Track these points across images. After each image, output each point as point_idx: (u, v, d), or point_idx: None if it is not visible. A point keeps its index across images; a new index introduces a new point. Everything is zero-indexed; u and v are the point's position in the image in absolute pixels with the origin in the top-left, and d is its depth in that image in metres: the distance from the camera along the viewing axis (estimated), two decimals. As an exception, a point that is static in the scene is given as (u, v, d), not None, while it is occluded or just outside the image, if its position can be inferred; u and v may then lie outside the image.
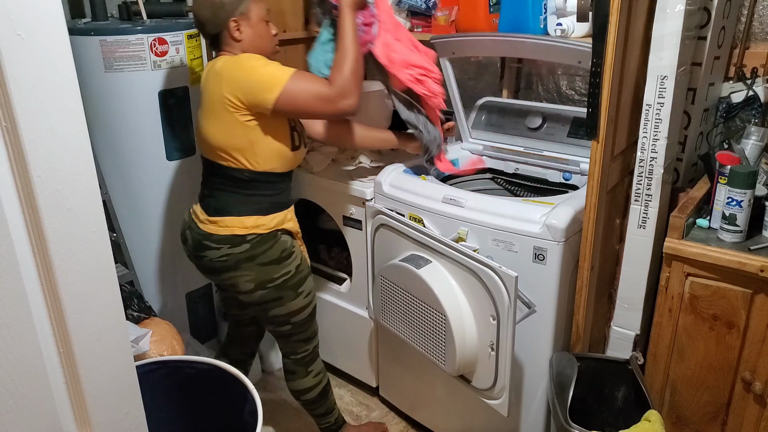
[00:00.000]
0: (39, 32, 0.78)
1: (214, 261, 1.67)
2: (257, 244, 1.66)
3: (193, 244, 1.71)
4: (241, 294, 1.71)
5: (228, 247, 1.65)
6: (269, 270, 1.68)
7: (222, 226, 1.65)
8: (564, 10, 1.74)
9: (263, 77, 1.52)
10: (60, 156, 0.83)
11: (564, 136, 1.98)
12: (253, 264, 1.66)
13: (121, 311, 0.98)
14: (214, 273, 1.72)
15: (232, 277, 1.68)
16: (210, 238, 1.66)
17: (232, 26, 1.58)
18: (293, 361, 1.85)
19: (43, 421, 0.90)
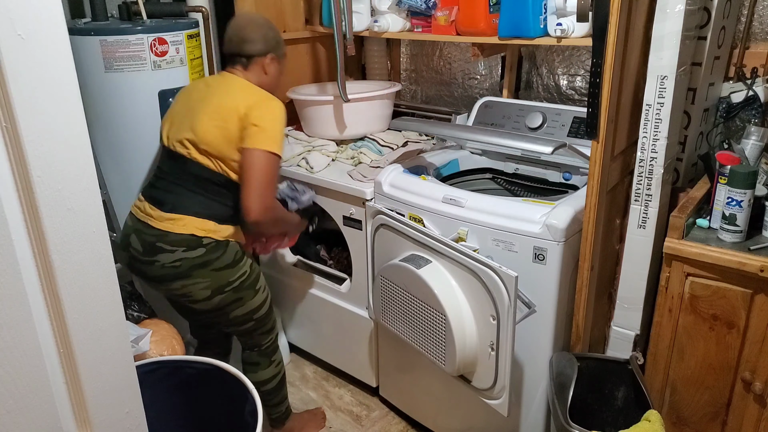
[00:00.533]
0: (39, 32, 0.78)
1: (166, 266, 1.64)
2: (212, 249, 1.66)
3: (143, 248, 1.66)
4: (197, 302, 1.70)
5: (183, 250, 1.63)
6: (225, 274, 1.70)
7: (180, 225, 1.64)
8: (564, 10, 1.75)
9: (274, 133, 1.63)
10: (60, 156, 0.83)
11: (564, 136, 1.98)
12: (208, 270, 1.66)
13: (121, 311, 0.98)
14: (163, 281, 1.68)
15: (184, 285, 1.66)
16: (165, 239, 1.63)
17: (268, 60, 1.75)
18: (257, 353, 1.90)
19: (43, 421, 0.89)
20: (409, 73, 2.73)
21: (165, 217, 1.65)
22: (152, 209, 1.67)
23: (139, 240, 1.67)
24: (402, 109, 2.46)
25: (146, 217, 1.68)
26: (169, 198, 1.67)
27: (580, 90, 2.23)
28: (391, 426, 2.20)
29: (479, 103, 2.24)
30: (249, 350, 1.89)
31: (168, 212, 1.65)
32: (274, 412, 2.01)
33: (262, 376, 1.91)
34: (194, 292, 1.67)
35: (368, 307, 2.11)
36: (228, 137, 1.63)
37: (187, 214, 1.65)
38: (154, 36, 1.94)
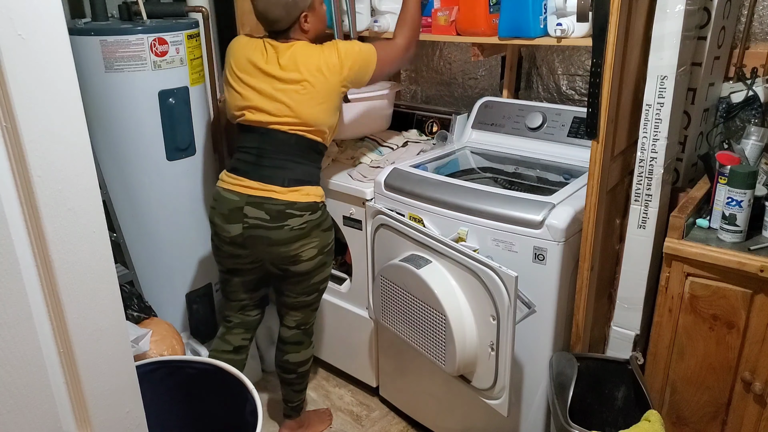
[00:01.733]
0: (39, 32, 0.78)
1: (294, 229, 1.75)
2: (324, 210, 1.83)
3: (270, 215, 1.74)
4: (300, 263, 1.79)
5: (309, 213, 1.77)
6: (328, 235, 1.85)
7: (304, 194, 1.76)
8: (564, 10, 1.74)
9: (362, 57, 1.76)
10: (60, 156, 0.83)
11: (564, 136, 1.98)
12: (320, 230, 1.81)
13: (121, 311, 0.98)
14: (286, 243, 1.76)
15: (303, 245, 1.77)
16: (294, 206, 1.74)
17: (302, 20, 1.75)
18: (303, 332, 1.97)
19: (43, 421, 0.89)
20: (409, 73, 2.73)
21: (287, 191, 1.74)
22: (271, 186, 1.75)
23: (263, 210, 1.74)
24: (402, 109, 2.46)
25: (267, 193, 1.75)
26: (284, 174, 1.76)
27: (580, 90, 2.23)
28: (391, 426, 2.20)
29: (479, 103, 2.24)
30: (296, 329, 1.96)
31: (288, 186, 1.75)
32: (296, 399, 2.07)
33: (305, 355, 2.00)
34: (306, 250, 1.78)
35: (368, 307, 2.11)
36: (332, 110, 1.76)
37: (305, 184, 1.78)
38: (154, 36, 1.94)
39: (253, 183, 1.75)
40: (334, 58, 1.71)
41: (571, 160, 1.92)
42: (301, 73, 1.70)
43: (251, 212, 1.75)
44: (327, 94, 1.73)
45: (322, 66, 1.71)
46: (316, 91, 1.71)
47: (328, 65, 1.71)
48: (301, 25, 1.75)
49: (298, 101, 1.71)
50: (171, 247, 2.21)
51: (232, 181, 1.79)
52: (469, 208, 1.70)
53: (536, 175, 1.96)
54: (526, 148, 2.05)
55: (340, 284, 2.26)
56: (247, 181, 1.76)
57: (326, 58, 1.71)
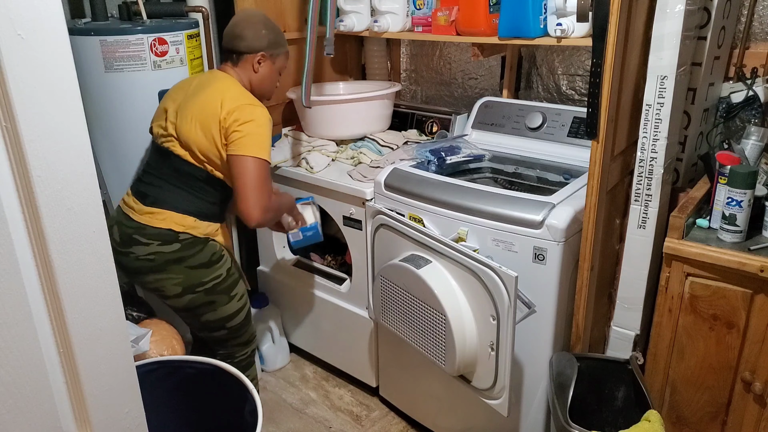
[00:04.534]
0: (39, 32, 0.78)
1: (140, 258, 1.64)
2: (188, 245, 1.66)
3: (120, 239, 1.67)
4: (168, 298, 1.70)
5: (158, 244, 1.64)
6: (199, 273, 1.69)
7: (159, 219, 1.65)
8: (564, 10, 1.74)
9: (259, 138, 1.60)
10: (60, 156, 0.83)
11: (564, 136, 1.98)
12: (182, 266, 1.66)
13: (121, 311, 0.98)
14: (138, 274, 1.68)
15: (157, 279, 1.67)
16: (141, 232, 1.64)
17: (258, 58, 1.72)
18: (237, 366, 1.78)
19: (43, 420, 0.89)
20: (409, 73, 2.73)
21: (145, 211, 1.66)
22: (135, 202, 1.69)
23: (118, 231, 1.68)
24: (402, 109, 2.46)
25: (128, 210, 1.69)
26: (151, 191, 1.68)
27: (580, 90, 2.23)
28: (391, 426, 2.20)
29: (479, 103, 2.24)
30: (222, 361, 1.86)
31: (149, 206, 1.66)
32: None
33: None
34: (166, 287, 1.67)
35: (368, 307, 2.11)
36: (210, 139, 1.63)
37: (167, 208, 1.66)
38: (154, 36, 1.94)
39: (129, 198, 1.73)
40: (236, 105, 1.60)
41: (571, 160, 1.92)
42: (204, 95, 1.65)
43: (114, 233, 1.69)
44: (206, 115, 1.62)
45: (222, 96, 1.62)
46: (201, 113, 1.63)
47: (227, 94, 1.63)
48: (254, 62, 1.72)
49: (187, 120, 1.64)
50: (171, 247, 2.21)
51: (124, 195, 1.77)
52: (469, 208, 1.70)
53: (536, 175, 1.96)
54: (526, 148, 2.05)
55: (340, 284, 2.26)
56: (129, 195, 1.75)
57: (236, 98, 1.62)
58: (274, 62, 1.77)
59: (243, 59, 1.73)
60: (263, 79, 1.77)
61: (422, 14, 2.12)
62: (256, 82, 1.76)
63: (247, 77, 1.75)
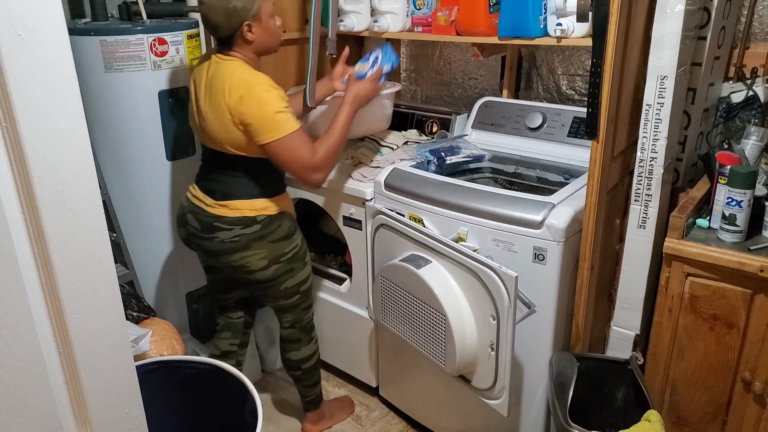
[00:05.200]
0: (39, 32, 0.78)
1: (225, 242, 1.73)
2: (267, 224, 1.75)
3: (201, 227, 1.76)
4: (253, 273, 1.77)
5: (240, 228, 1.72)
6: (281, 246, 1.78)
7: (233, 209, 1.72)
8: (564, 10, 1.74)
9: (270, 119, 1.60)
10: (60, 156, 0.83)
11: (564, 136, 1.98)
12: (264, 242, 1.75)
13: (121, 311, 0.98)
14: (223, 254, 1.75)
15: (243, 257, 1.74)
16: (221, 220, 1.73)
17: (245, 29, 1.65)
18: (299, 330, 1.96)
19: (43, 421, 0.89)
20: (409, 73, 2.73)
21: (217, 204, 1.73)
22: (205, 197, 1.76)
23: (196, 219, 1.76)
24: (402, 109, 2.46)
25: (200, 203, 1.76)
26: (217, 188, 1.74)
27: (580, 90, 2.23)
28: (391, 426, 2.20)
29: (479, 103, 2.24)
30: (291, 328, 1.95)
31: (219, 200, 1.73)
32: (311, 393, 2.08)
33: (305, 352, 1.99)
34: (252, 262, 1.75)
35: (368, 307, 2.11)
36: (235, 136, 1.65)
37: (237, 199, 1.73)
38: (154, 36, 1.95)
39: (198, 192, 1.79)
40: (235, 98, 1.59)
41: (571, 160, 1.92)
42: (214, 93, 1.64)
43: (191, 220, 1.79)
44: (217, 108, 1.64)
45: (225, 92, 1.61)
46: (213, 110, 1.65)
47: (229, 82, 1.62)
48: (244, 34, 1.65)
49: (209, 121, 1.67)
50: (171, 247, 2.21)
51: (189, 188, 1.84)
52: (469, 208, 1.70)
53: (536, 175, 1.96)
54: (526, 148, 2.05)
55: (340, 284, 2.26)
56: (196, 190, 1.80)
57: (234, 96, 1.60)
58: (260, 19, 1.66)
59: (234, 39, 1.67)
60: (262, 40, 1.69)
61: (422, 14, 2.11)
62: (257, 46, 1.69)
63: (248, 50, 1.70)
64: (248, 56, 1.70)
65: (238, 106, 1.59)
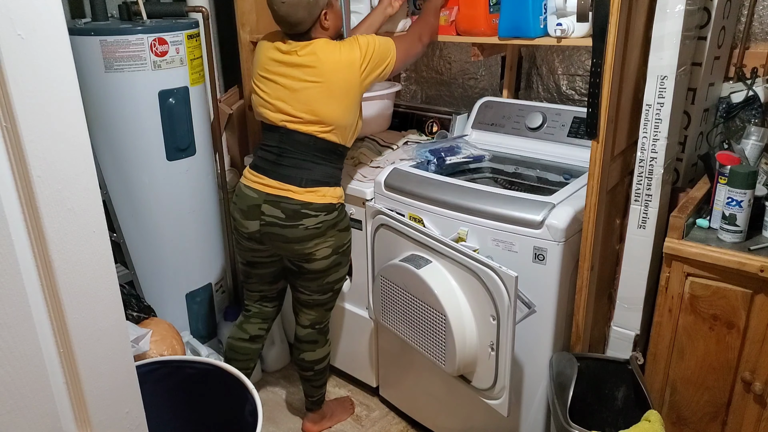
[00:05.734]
0: (39, 32, 0.78)
1: (309, 228, 1.77)
2: (340, 211, 1.84)
3: (286, 214, 1.77)
4: (314, 261, 1.82)
5: (324, 214, 1.79)
6: (344, 236, 1.87)
7: (320, 195, 1.78)
8: (564, 10, 1.74)
9: (383, 49, 1.77)
10: (60, 156, 0.83)
11: (564, 136, 1.98)
12: (335, 230, 1.82)
13: (121, 311, 0.98)
14: (302, 241, 1.79)
15: (317, 244, 1.80)
16: (309, 207, 1.77)
17: (323, 18, 1.74)
18: (317, 331, 1.99)
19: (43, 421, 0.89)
20: (409, 73, 2.73)
21: (305, 191, 1.77)
22: (288, 186, 1.78)
23: (278, 209, 1.78)
24: (402, 109, 2.46)
25: (284, 192, 1.78)
26: (302, 174, 1.77)
27: (580, 90, 2.23)
28: (391, 426, 2.20)
29: (479, 103, 2.24)
30: (310, 328, 1.98)
31: (305, 186, 1.77)
32: (316, 394, 2.10)
33: (320, 354, 2.01)
34: (321, 249, 1.80)
35: (368, 307, 2.11)
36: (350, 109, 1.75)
37: (323, 185, 1.79)
38: (154, 36, 1.94)
39: (272, 182, 1.79)
40: (356, 53, 1.72)
41: (571, 160, 1.92)
42: (320, 68, 1.70)
43: (268, 210, 1.78)
44: (346, 90, 1.73)
45: (343, 61, 1.71)
46: (335, 87, 1.71)
47: (349, 60, 1.71)
48: (322, 23, 1.73)
49: (315, 98, 1.71)
50: (171, 247, 2.21)
51: (252, 178, 1.83)
52: (469, 208, 1.70)
53: (536, 175, 1.96)
54: (526, 148, 2.05)
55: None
56: (267, 179, 1.80)
57: (347, 54, 1.71)
58: (332, 5, 1.76)
59: (313, 30, 1.74)
60: (335, 24, 1.79)
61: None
62: (333, 30, 1.79)
63: (325, 33, 1.77)
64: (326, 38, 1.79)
65: (364, 49, 1.72)
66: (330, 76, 1.71)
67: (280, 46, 1.76)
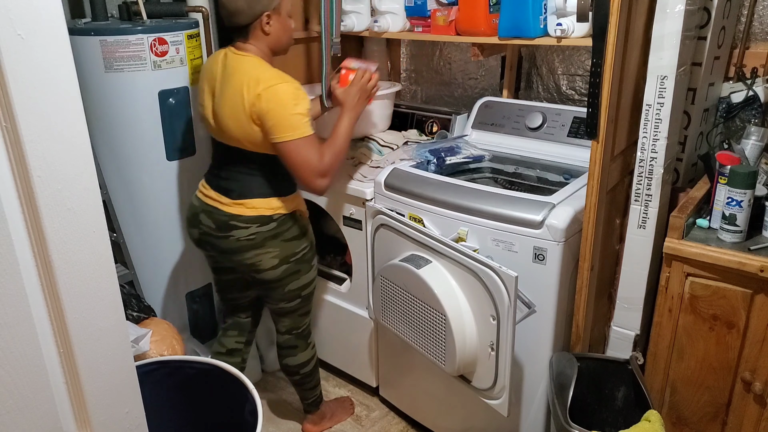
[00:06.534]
0: (39, 32, 0.78)
1: (241, 240, 1.73)
2: (282, 222, 1.77)
3: (216, 226, 1.76)
4: (262, 272, 1.78)
5: (256, 226, 1.73)
6: (293, 245, 1.80)
7: (249, 208, 1.73)
8: (564, 10, 1.74)
9: (288, 119, 1.60)
10: (60, 156, 0.83)
11: (564, 136, 1.98)
12: (278, 241, 1.76)
13: (121, 311, 0.98)
14: (237, 252, 1.76)
15: (256, 254, 1.75)
16: (237, 219, 1.73)
17: (264, 20, 1.66)
18: (295, 336, 1.96)
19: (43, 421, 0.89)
20: (409, 73, 2.73)
21: (234, 203, 1.74)
22: (220, 197, 1.76)
23: (211, 219, 1.76)
24: (402, 109, 2.46)
25: (215, 203, 1.76)
26: (233, 186, 1.75)
27: (580, 90, 2.23)
28: (391, 426, 2.20)
29: (479, 103, 2.24)
30: (287, 334, 1.96)
31: (235, 199, 1.74)
32: (310, 396, 2.09)
33: (301, 358, 1.99)
34: (264, 261, 1.76)
35: (368, 307, 2.11)
36: (250, 131, 1.66)
37: (253, 197, 1.73)
38: (154, 36, 1.94)
39: (211, 191, 1.79)
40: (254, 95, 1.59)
41: (571, 160, 1.92)
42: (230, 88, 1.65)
43: (204, 219, 1.78)
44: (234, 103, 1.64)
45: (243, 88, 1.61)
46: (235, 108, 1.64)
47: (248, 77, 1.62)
48: (262, 25, 1.66)
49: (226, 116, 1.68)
50: (171, 247, 2.21)
51: (200, 187, 1.84)
52: (469, 208, 1.70)
53: (536, 175, 1.96)
54: (526, 148, 2.05)
55: (340, 284, 2.26)
56: (208, 189, 1.80)
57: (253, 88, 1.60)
58: (279, 12, 1.69)
59: (251, 30, 1.68)
60: (278, 36, 1.71)
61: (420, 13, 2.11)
62: (273, 42, 1.72)
63: (264, 44, 1.71)
64: (263, 51, 1.71)
65: (257, 103, 1.60)
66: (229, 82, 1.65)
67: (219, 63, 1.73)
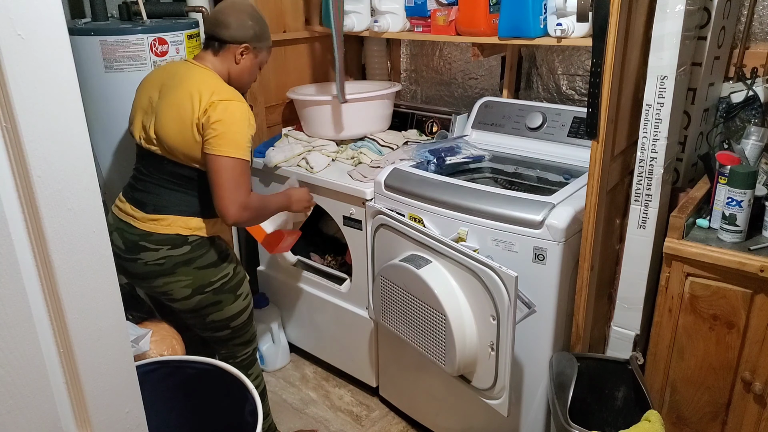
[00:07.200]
0: (39, 32, 0.77)
1: (149, 264, 1.62)
2: (197, 246, 1.64)
3: (125, 246, 1.63)
4: (176, 301, 1.68)
5: (168, 248, 1.61)
6: (207, 273, 1.66)
7: (164, 225, 1.62)
8: (564, 10, 1.75)
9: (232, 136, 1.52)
10: (60, 156, 0.83)
11: (564, 136, 1.98)
12: (191, 268, 1.64)
13: (121, 311, 0.98)
14: (146, 278, 1.65)
15: (166, 283, 1.64)
16: (149, 238, 1.61)
17: (241, 49, 1.65)
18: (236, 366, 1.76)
19: (43, 421, 0.89)
20: (409, 73, 2.73)
21: (148, 218, 1.62)
22: (134, 210, 1.64)
23: (121, 238, 1.64)
24: (402, 109, 2.46)
25: (127, 218, 1.65)
26: (150, 199, 1.64)
27: (580, 90, 2.23)
28: (391, 426, 2.20)
29: (479, 103, 2.24)
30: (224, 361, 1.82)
31: (150, 213, 1.62)
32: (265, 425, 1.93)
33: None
34: (175, 290, 1.64)
35: (368, 307, 2.11)
36: (191, 140, 1.56)
37: (170, 213, 1.62)
38: (154, 36, 1.94)
39: (126, 206, 1.67)
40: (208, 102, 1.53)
41: (571, 160, 1.93)
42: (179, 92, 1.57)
43: (115, 239, 1.64)
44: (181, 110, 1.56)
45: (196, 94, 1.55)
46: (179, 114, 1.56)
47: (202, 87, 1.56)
48: (235, 54, 1.64)
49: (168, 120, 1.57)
50: (171, 247, 2.20)
51: (116, 201, 1.72)
52: (469, 208, 1.70)
53: (536, 175, 1.96)
54: (526, 148, 2.05)
55: (340, 284, 2.26)
56: (123, 202, 1.69)
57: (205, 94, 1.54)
58: (256, 56, 1.69)
59: (225, 48, 1.65)
60: (243, 72, 1.68)
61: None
62: (236, 74, 1.68)
63: (227, 68, 1.67)
64: (222, 74, 1.66)
65: (209, 110, 1.52)
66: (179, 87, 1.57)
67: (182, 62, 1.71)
